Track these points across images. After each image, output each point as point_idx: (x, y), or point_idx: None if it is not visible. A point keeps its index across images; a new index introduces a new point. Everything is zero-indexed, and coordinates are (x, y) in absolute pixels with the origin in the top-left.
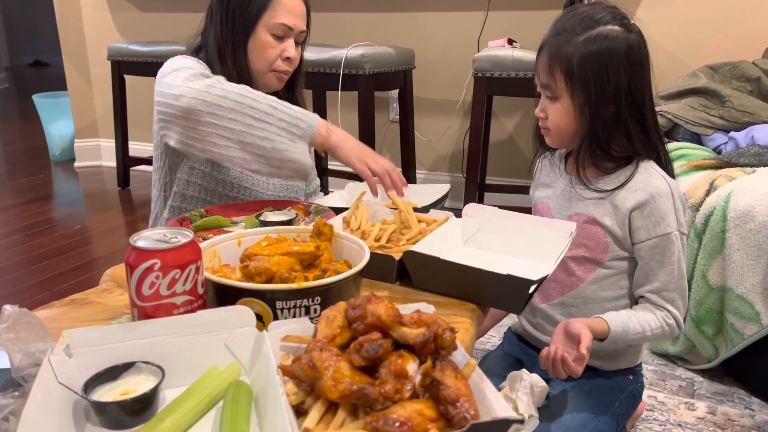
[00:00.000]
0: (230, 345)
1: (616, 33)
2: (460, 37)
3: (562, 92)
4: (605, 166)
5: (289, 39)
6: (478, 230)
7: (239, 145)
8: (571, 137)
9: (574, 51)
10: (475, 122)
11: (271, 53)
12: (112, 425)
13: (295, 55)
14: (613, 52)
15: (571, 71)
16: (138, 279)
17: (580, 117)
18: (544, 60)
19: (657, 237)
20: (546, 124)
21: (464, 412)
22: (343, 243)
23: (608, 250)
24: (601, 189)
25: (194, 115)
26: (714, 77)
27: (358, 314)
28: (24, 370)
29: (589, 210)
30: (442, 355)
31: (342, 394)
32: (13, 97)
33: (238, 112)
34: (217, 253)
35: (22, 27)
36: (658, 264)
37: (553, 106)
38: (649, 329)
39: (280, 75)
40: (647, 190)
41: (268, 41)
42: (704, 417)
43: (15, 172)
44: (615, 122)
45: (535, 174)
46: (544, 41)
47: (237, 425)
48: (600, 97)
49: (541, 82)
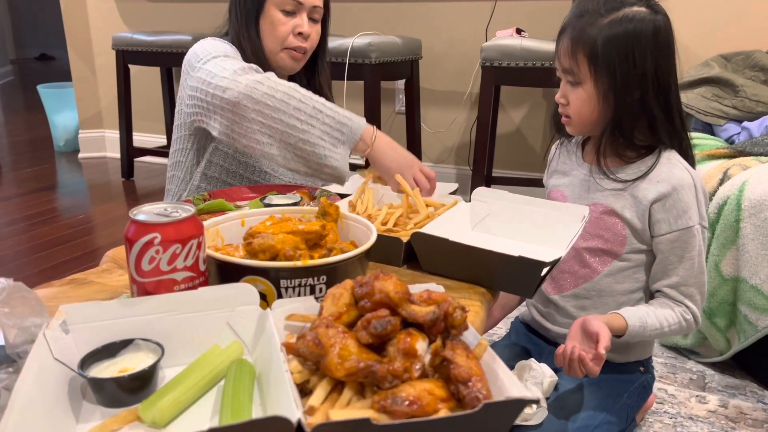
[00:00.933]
0: (232, 323)
1: (642, 14)
2: (468, 27)
3: (585, 77)
4: (627, 155)
5: (301, 14)
6: (488, 214)
7: (281, 144)
8: (593, 124)
9: (598, 33)
10: (483, 113)
11: (281, 30)
12: (109, 403)
13: (309, 30)
14: (639, 34)
15: (595, 55)
16: (137, 254)
17: (603, 103)
18: (566, 43)
19: (678, 230)
20: (567, 111)
21: (476, 391)
22: (349, 224)
23: (626, 242)
24: (622, 179)
25: (241, 110)
26: (727, 66)
27: (366, 291)
28: (19, 347)
29: (607, 200)
30: (452, 334)
31: (348, 371)
32: (19, 89)
33: (284, 112)
34: (219, 232)
35: (28, 20)
36: (677, 258)
37: (575, 92)
38: (666, 325)
39: (293, 53)
40: (670, 181)
41: (278, 18)
42: (716, 410)
43: (19, 162)
44: (640, 109)
45: (550, 161)
46: (565, 23)
47: (239, 404)
48: (625, 82)
49: (563, 67)
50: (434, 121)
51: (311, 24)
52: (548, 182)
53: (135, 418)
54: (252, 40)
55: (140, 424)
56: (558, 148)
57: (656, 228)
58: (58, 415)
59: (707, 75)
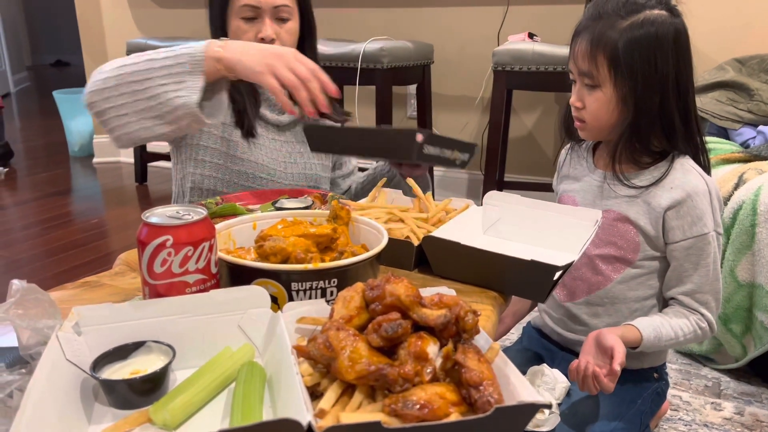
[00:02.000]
0: (244, 326)
1: (663, 18)
2: (480, 32)
3: (604, 80)
4: (642, 161)
5: (262, 19)
6: (499, 219)
7: (137, 116)
8: (609, 129)
9: (619, 36)
10: (495, 118)
11: (244, 39)
12: (120, 404)
13: (270, 33)
14: (661, 38)
15: (616, 58)
16: (150, 256)
17: (621, 107)
18: (585, 45)
19: (693, 237)
20: (582, 115)
21: (488, 395)
22: (360, 227)
23: (639, 249)
24: (636, 185)
25: (94, 109)
26: (742, 70)
27: (377, 294)
28: (32, 348)
29: (620, 207)
30: (464, 338)
31: (359, 375)
32: (35, 95)
33: (122, 85)
34: (231, 235)
35: (44, 27)
36: (692, 265)
37: (592, 96)
38: (681, 335)
39: None
40: (684, 188)
41: (239, 27)
42: (731, 417)
43: (35, 167)
44: (659, 114)
45: (560, 166)
46: (581, 26)
47: (249, 406)
48: (646, 86)
49: (580, 69)
50: (446, 126)
51: (278, 24)
52: (558, 187)
53: (146, 419)
54: None
55: (151, 425)
56: (568, 153)
57: (670, 235)
58: (70, 416)
59: (722, 79)
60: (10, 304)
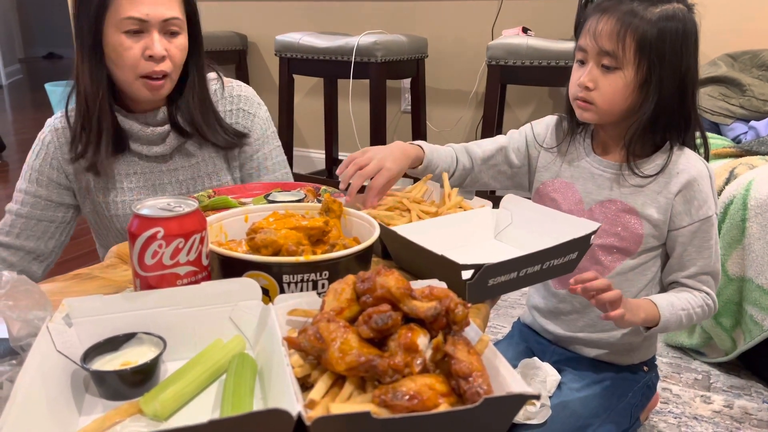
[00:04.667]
0: (235, 318)
1: (684, 13)
2: (474, 26)
3: (627, 63)
4: (648, 150)
5: (150, 33)
6: (510, 223)
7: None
8: (618, 114)
9: (651, 24)
10: (488, 112)
11: (128, 56)
12: (111, 396)
13: (160, 50)
14: (688, 32)
15: (646, 43)
16: (140, 248)
17: (637, 94)
18: (614, 25)
19: (699, 221)
20: (591, 96)
21: (477, 387)
22: (352, 220)
23: (642, 241)
24: (648, 175)
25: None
26: (734, 66)
27: (367, 287)
28: (23, 340)
29: (626, 198)
30: (454, 330)
31: (349, 366)
32: (27, 87)
33: None
34: (223, 228)
35: (36, 20)
36: (696, 249)
37: (609, 77)
38: (690, 307)
39: (149, 82)
40: (690, 172)
41: (120, 42)
42: (721, 410)
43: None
44: (679, 106)
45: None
46: (603, 5)
47: (240, 397)
48: (671, 77)
49: (602, 48)
50: (440, 120)
51: (168, 39)
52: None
53: (137, 410)
54: (87, 72)
55: (142, 416)
56: (560, 126)
57: (677, 220)
58: (61, 407)
59: (714, 74)
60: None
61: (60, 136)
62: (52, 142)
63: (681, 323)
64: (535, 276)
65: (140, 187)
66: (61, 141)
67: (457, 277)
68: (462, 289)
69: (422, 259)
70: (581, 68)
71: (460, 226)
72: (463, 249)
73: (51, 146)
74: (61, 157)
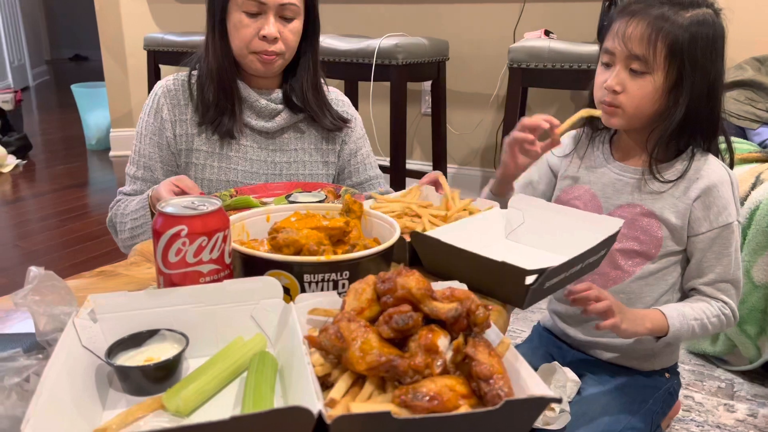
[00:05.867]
0: (256, 316)
1: (714, 18)
2: (496, 29)
3: (658, 68)
4: (671, 155)
5: (267, 15)
6: (522, 223)
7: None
8: (645, 119)
9: (686, 28)
10: (510, 115)
11: (244, 33)
12: (134, 391)
13: (273, 32)
14: (717, 37)
15: (677, 48)
16: (164, 245)
17: (664, 99)
18: (644, 29)
19: (718, 228)
20: (618, 100)
21: (498, 389)
22: (372, 221)
23: (662, 245)
24: (669, 180)
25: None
26: (761, 70)
27: (388, 287)
28: (48, 335)
29: (646, 202)
30: (474, 331)
31: (370, 365)
32: (53, 88)
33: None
34: (245, 227)
35: (63, 22)
36: (715, 256)
37: (638, 82)
38: (705, 317)
39: (262, 56)
40: (710, 177)
41: (240, 20)
42: (744, 419)
43: (53, 159)
44: (708, 112)
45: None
46: (632, 8)
47: (260, 395)
48: (701, 82)
49: (632, 52)
50: (460, 123)
51: (282, 23)
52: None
53: (159, 406)
54: (216, 43)
55: (164, 412)
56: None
57: (695, 226)
58: (85, 401)
59: (740, 78)
60: (27, 291)
61: (173, 98)
62: (165, 104)
63: (694, 333)
64: (574, 275)
65: (239, 158)
66: (173, 102)
67: (518, 282)
68: (521, 295)
69: (470, 266)
70: (606, 71)
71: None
72: (487, 251)
73: (166, 107)
74: (170, 119)
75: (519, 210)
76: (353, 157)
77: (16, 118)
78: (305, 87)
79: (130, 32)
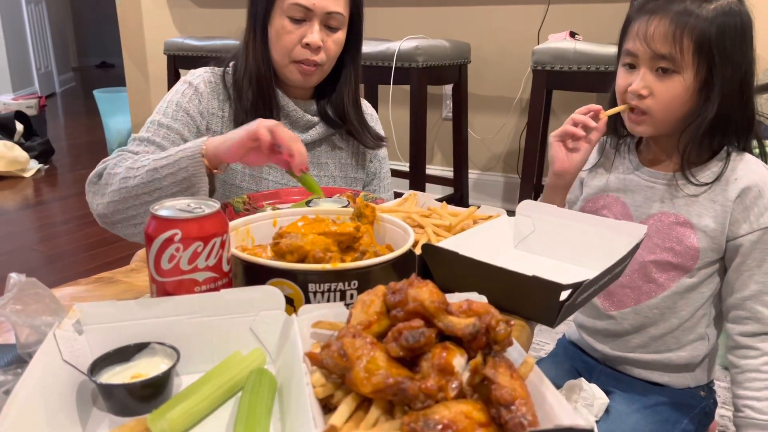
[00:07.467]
0: (255, 329)
1: (738, 6)
2: (519, 31)
3: (686, 66)
4: (704, 157)
5: (311, 22)
6: (533, 231)
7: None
8: (675, 122)
9: (712, 20)
10: (533, 119)
11: (287, 40)
12: (119, 411)
13: (317, 39)
14: (745, 26)
15: (705, 42)
16: (157, 251)
17: (696, 98)
18: (668, 26)
19: (760, 230)
20: (645, 105)
21: (520, 416)
22: (385, 226)
23: (699, 256)
24: (703, 183)
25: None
26: None
27: (399, 299)
28: (31, 347)
29: (679, 210)
30: (494, 350)
31: (376, 388)
32: (80, 95)
33: (130, 198)
34: (250, 232)
35: (90, 30)
36: (756, 262)
37: (666, 83)
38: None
39: (302, 67)
40: (750, 177)
41: (283, 26)
42: None
43: (75, 164)
44: (741, 108)
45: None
46: (649, 6)
47: (254, 418)
48: (733, 75)
49: (656, 52)
50: (482, 128)
51: (327, 32)
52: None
53: (144, 429)
54: (257, 48)
55: None
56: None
57: (735, 228)
58: (62, 422)
59: None
60: (7, 299)
61: (212, 90)
62: (204, 93)
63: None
64: (601, 287)
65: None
66: (212, 95)
67: (551, 298)
68: (552, 313)
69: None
70: (629, 75)
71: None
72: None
73: (204, 95)
74: (206, 109)
75: (528, 217)
76: (376, 177)
77: (39, 123)
78: (346, 101)
79: (151, 37)
